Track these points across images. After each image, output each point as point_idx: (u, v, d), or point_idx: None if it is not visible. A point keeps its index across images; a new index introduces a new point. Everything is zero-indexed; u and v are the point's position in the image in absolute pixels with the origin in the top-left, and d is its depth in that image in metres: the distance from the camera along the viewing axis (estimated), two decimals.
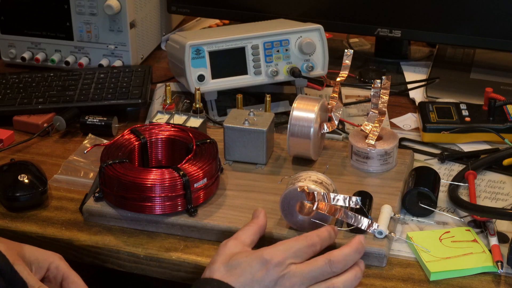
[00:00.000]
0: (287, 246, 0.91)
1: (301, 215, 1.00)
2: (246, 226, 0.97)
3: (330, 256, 0.91)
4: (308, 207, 0.99)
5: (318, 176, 1.00)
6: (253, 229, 0.96)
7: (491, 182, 1.19)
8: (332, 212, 0.95)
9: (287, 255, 0.90)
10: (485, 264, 0.99)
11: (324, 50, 1.38)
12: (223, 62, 1.35)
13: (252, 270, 0.89)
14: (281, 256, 0.90)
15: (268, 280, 0.89)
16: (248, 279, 0.89)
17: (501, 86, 1.47)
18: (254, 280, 0.89)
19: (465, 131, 1.28)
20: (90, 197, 1.11)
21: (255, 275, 0.89)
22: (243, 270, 0.90)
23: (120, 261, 1.06)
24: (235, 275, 0.89)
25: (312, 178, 1.00)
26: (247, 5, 1.59)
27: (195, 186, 1.06)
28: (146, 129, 1.17)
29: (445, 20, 1.48)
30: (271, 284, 0.89)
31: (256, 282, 0.89)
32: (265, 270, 0.89)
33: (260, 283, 0.89)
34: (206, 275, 0.91)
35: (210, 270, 0.91)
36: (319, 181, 1.00)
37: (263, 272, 0.89)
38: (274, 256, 0.90)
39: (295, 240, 0.92)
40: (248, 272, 0.89)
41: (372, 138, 1.16)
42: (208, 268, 0.92)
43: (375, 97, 1.18)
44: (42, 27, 1.55)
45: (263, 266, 0.89)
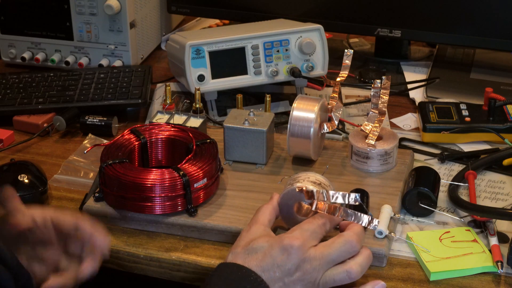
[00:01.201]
0: (302, 229, 0.92)
1: (299, 216, 1.00)
2: (261, 208, 0.98)
3: (346, 237, 0.93)
4: (306, 208, 0.99)
5: (317, 177, 1.01)
6: (269, 210, 0.98)
7: (491, 182, 1.19)
8: (331, 211, 0.95)
9: (305, 238, 0.91)
10: (485, 264, 0.99)
11: (324, 50, 1.38)
12: (223, 62, 1.35)
13: (273, 254, 0.90)
14: (300, 240, 0.91)
15: (290, 264, 0.90)
16: (269, 263, 0.90)
17: (501, 86, 1.47)
18: (275, 264, 0.90)
19: (465, 131, 1.28)
20: (90, 197, 1.11)
21: (276, 260, 0.90)
22: (264, 255, 0.90)
23: (120, 261, 1.06)
24: (256, 260, 0.90)
25: (311, 179, 1.00)
26: (247, 5, 1.59)
27: (195, 186, 1.06)
28: (146, 129, 1.17)
29: (445, 20, 1.48)
30: (293, 268, 0.90)
31: (277, 267, 0.90)
32: (286, 254, 0.90)
33: (281, 267, 0.90)
34: (228, 259, 0.92)
35: (232, 254, 0.92)
36: (318, 182, 1.00)
37: (284, 256, 0.90)
38: (293, 240, 0.91)
39: (308, 223, 0.94)
40: (268, 256, 0.90)
41: (372, 138, 1.16)
42: (230, 252, 0.93)
43: (375, 97, 1.18)
44: (42, 27, 1.55)
45: (284, 251, 0.90)
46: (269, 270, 0.90)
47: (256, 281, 0.88)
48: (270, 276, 0.89)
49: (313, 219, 0.95)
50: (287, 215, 1.00)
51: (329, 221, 0.95)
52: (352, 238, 0.92)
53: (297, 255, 0.90)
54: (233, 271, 0.89)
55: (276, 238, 0.92)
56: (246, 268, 0.89)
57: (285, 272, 0.90)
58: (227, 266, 0.91)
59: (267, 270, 0.90)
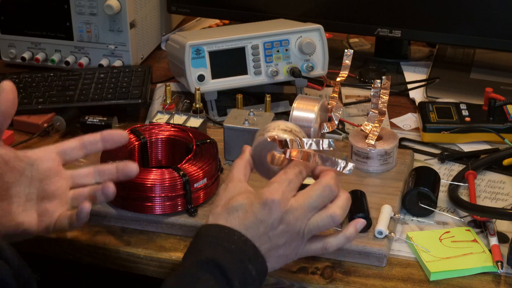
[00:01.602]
0: (280, 180, 0.91)
1: (274, 166, 0.96)
2: (235, 163, 0.96)
3: (324, 182, 0.91)
4: (279, 157, 0.96)
5: (287, 124, 0.97)
6: (243, 164, 0.95)
7: (491, 182, 1.19)
8: (306, 158, 0.92)
9: (283, 190, 0.90)
10: (485, 264, 0.99)
11: (324, 50, 1.38)
12: (223, 62, 1.35)
13: (255, 211, 0.89)
14: (279, 193, 0.89)
15: (273, 218, 0.88)
16: (251, 221, 0.89)
17: (501, 86, 1.47)
18: (258, 220, 0.88)
19: (465, 131, 1.28)
20: None
21: (258, 216, 0.89)
22: (246, 212, 0.89)
23: (120, 261, 1.06)
24: (238, 218, 0.89)
25: (281, 126, 0.96)
26: (247, 5, 1.59)
27: (195, 186, 1.06)
28: (146, 129, 1.17)
29: (445, 20, 1.48)
30: (276, 221, 0.89)
31: (260, 222, 0.88)
32: (267, 209, 0.88)
33: (264, 222, 0.88)
34: (209, 221, 0.90)
35: (213, 215, 0.91)
36: (288, 129, 0.96)
37: (266, 211, 0.88)
38: (273, 194, 0.89)
39: (284, 173, 0.91)
40: (250, 213, 0.89)
41: (372, 138, 1.16)
42: (211, 214, 0.91)
43: (375, 97, 1.18)
44: (42, 27, 1.55)
45: (265, 206, 0.89)
46: (253, 227, 0.88)
47: (241, 240, 0.87)
48: (254, 232, 0.88)
49: (288, 169, 0.92)
50: (261, 167, 0.97)
51: (305, 168, 0.92)
52: (330, 182, 0.91)
53: (279, 208, 0.88)
54: (216, 232, 0.88)
55: (255, 193, 0.90)
56: (229, 228, 0.88)
57: (268, 226, 0.88)
58: (209, 228, 0.89)
59: (250, 228, 0.88)
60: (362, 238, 1.02)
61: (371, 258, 1.00)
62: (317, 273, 1.00)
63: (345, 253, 1.01)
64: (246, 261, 0.86)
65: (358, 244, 1.01)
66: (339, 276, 0.99)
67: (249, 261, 0.86)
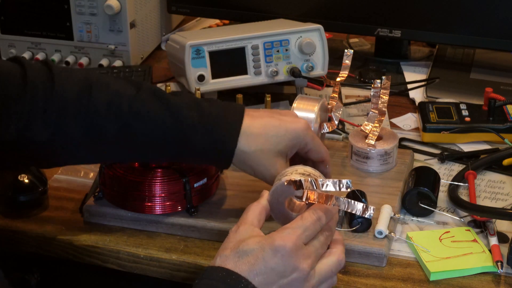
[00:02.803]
0: (295, 226, 0.87)
1: (292, 212, 0.94)
2: (250, 207, 0.92)
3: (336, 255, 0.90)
4: (298, 204, 0.93)
5: (305, 168, 0.95)
6: (258, 209, 0.92)
7: (491, 182, 1.19)
8: (323, 200, 0.89)
9: (297, 236, 0.86)
10: (485, 264, 0.99)
11: (324, 50, 1.38)
12: (223, 62, 1.35)
13: (265, 257, 0.85)
14: (292, 240, 0.86)
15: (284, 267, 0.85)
16: (261, 267, 0.85)
17: (501, 86, 1.47)
18: (268, 268, 0.85)
19: (465, 131, 1.28)
20: (90, 197, 1.11)
21: (269, 263, 0.85)
22: (256, 258, 0.85)
23: (120, 261, 1.06)
24: (248, 263, 0.85)
25: (299, 171, 0.94)
26: (247, 5, 1.59)
27: (195, 186, 1.06)
28: None
29: (445, 20, 1.48)
30: (288, 271, 0.85)
31: (271, 270, 0.85)
32: (279, 256, 0.85)
33: (274, 270, 0.85)
34: (217, 263, 0.87)
35: (221, 257, 0.87)
36: (307, 173, 0.94)
37: (277, 259, 0.85)
38: (286, 240, 0.86)
39: (300, 219, 0.88)
40: (261, 259, 0.85)
41: (372, 138, 1.16)
42: (219, 255, 0.87)
43: (375, 97, 1.18)
44: (42, 27, 1.55)
45: (276, 253, 0.85)
46: (262, 274, 0.85)
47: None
48: (264, 280, 0.85)
49: (305, 214, 0.89)
50: (279, 213, 0.94)
51: (324, 214, 0.89)
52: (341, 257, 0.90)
53: (291, 255, 0.85)
54: (222, 276, 0.84)
55: (267, 238, 0.87)
56: (236, 274, 0.84)
57: (279, 274, 0.85)
58: (216, 271, 0.85)
59: (259, 274, 0.85)
60: (362, 238, 1.02)
61: (371, 258, 1.00)
62: None
63: (345, 253, 1.01)
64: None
65: (358, 244, 1.01)
66: (339, 276, 0.99)
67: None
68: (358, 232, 1.02)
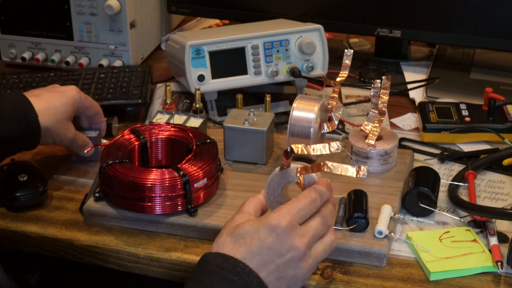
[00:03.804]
0: (290, 207, 0.88)
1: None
2: (246, 200, 0.94)
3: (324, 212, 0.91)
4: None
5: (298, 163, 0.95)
6: (256, 201, 0.93)
7: (491, 182, 1.19)
8: (315, 169, 0.89)
9: (292, 216, 0.87)
10: (485, 264, 0.99)
11: (324, 50, 1.38)
12: (223, 62, 1.35)
13: (261, 237, 0.86)
14: (286, 219, 0.87)
15: (280, 246, 0.86)
16: (258, 247, 0.86)
17: (501, 86, 1.47)
18: (265, 247, 0.86)
19: (465, 131, 1.28)
20: (90, 197, 1.11)
21: (265, 242, 0.86)
22: (252, 239, 0.86)
23: (120, 261, 1.06)
24: (244, 245, 0.86)
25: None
26: (247, 5, 1.59)
27: (195, 186, 1.06)
28: (146, 129, 1.17)
29: (445, 20, 1.48)
30: (284, 250, 0.86)
31: (268, 249, 0.86)
32: (274, 235, 0.86)
33: (271, 249, 0.86)
34: (213, 249, 0.88)
35: (217, 244, 0.88)
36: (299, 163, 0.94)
37: (273, 238, 0.86)
38: (280, 219, 0.86)
39: (295, 200, 0.89)
40: (257, 239, 0.86)
41: (372, 138, 1.16)
42: (215, 242, 0.89)
43: (375, 97, 1.18)
44: (42, 27, 1.55)
45: (272, 232, 0.86)
46: (259, 254, 0.86)
47: (244, 271, 0.85)
48: (261, 259, 0.86)
49: (303, 196, 0.90)
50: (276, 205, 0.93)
51: (320, 197, 0.90)
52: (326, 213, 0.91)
53: (285, 235, 0.86)
54: (219, 262, 0.85)
55: (262, 219, 0.88)
56: (233, 258, 0.85)
57: (276, 253, 0.86)
58: (213, 257, 0.86)
59: (257, 254, 0.86)
60: (362, 238, 1.02)
61: (371, 258, 1.00)
62: (317, 273, 1.00)
63: (345, 253, 1.01)
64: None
65: (358, 244, 1.01)
66: (339, 276, 0.99)
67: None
68: (355, 232, 1.02)
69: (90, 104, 1.21)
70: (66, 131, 1.16)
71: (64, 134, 1.16)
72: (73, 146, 1.19)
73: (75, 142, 1.18)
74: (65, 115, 1.15)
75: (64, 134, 1.15)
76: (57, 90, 1.18)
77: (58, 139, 1.16)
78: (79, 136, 1.19)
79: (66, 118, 1.16)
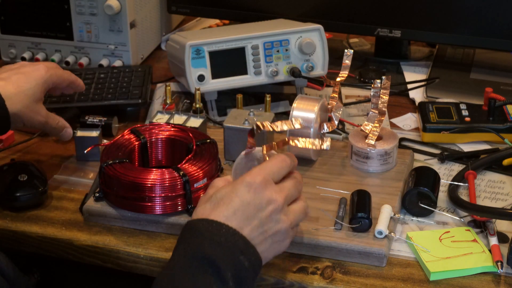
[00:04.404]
0: (262, 166, 0.92)
1: None
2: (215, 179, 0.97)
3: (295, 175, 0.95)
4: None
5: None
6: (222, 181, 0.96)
7: (491, 182, 1.19)
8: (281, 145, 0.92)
9: (265, 173, 0.90)
10: (485, 264, 0.99)
11: (324, 50, 1.38)
12: (223, 62, 1.35)
13: (239, 194, 0.89)
14: (261, 176, 0.90)
15: (259, 199, 0.89)
16: (237, 203, 0.88)
17: (501, 86, 1.47)
18: (245, 202, 0.88)
19: (465, 131, 1.28)
20: (90, 197, 1.11)
21: (244, 198, 0.88)
22: (230, 198, 0.89)
23: (120, 261, 1.06)
24: (224, 205, 0.88)
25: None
26: (247, 5, 1.59)
27: (195, 186, 1.06)
28: (146, 129, 1.17)
29: (445, 20, 1.48)
30: (264, 202, 0.89)
31: (248, 204, 0.88)
32: (252, 191, 0.89)
33: (251, 204, 0.88)
34: (194, 217, 0.90)
35: (196, 212, 0.90)
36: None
37: (251, 193, 0.89)
38: (255, 176, 0.89)
39: (266, 161, 0.93)
40: (235, 197, 0.88)
41: (372, 138, 1.16)
42: (194, 212, 0.90)
43: (375, 97, 1.18)
44: (42, 27, 1.55)
45: (249, 188, 0.89)
46: (240, 210, 0.88)
47: (229, 232, 0.86)
48: (243, 215, 0.88)
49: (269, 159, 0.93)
50: None
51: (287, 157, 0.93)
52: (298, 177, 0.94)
53: (262, 189, 0.89)
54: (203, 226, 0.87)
55: (237, 180, 0.90)
56: (216, 222, 0.87)
57: (256, 207, 0.88)
58: (197, 223, 0.88)
59: (238, 210, 0.88)
60: (362, 238, 1.02)
61: (371, 258, 1.00)
62: (317, 273, 1.00)
63: (345, 253, 1.01)
64: (237, 252, 0.86)
65: (358, 244, 1.01)
66: (339, 276, 0.99)
67: (240, 252, 0.86)
68: (358, 232, 1.02)
69: (60, 79, 1.19)
70: (36, 115, 1.14)
71: (35, 118, 1.14)
72: (47, 129, 1.18)
73: (48, 124, 1.16)
74: (34, 97, 1.13)
75: (34, 117, 1.14)
76: (25, 71, 1.15)
77: (28, 123, 1.14)
78: (52, 119, 1.17)
79: (35, 100, 1.13)
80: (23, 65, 1.17)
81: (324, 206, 1.08)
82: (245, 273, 0.86)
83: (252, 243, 0.87)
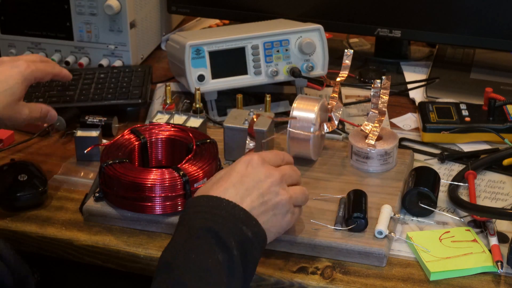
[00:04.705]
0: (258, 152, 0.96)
1: None
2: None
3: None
4: None
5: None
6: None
7: (491, 182, 1.19)
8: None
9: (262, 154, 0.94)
10: (485, 264, 0.99)
11: (324, 50, 1.38)
12: (223, 62, 1.35)
13: (237, 169, 0.92)
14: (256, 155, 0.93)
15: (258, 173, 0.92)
16: (236, 177, 0.91)
17: (501, 86, 1.47)
18: (244, 176, 0.91)
19: (465, 131, 1.28)
20: (90, 197, 1.11)
21: (242, 172, 0.91)
22: (229, 175, 0.92)
23: (120, 261, 1.06)
24: (223, 181, 0.91)
25: None
26: (247, 5, 1.59)
27: (195, 186, 1.06)
28: (146, 129, 1.17)
29: (445, 20, 1.48)
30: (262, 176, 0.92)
31: (247, 177, 0.91)
32: (250, 166, 0.92)
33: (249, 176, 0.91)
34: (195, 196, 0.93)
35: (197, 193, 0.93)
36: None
37: (249, 168, 0.92)
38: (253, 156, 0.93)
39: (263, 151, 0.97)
40: (234, 173, 0.91)
41: (372, 138, 1.16)
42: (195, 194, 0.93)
43: (375, 97, 1.18)
44: (42, 27, 1.55)
45: (247, 164, 0.92)
46: (240, 182, 0.91)
47: (229, 205, 0.88)
48: (243, 187, 0.90)
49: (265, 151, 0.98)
50: None
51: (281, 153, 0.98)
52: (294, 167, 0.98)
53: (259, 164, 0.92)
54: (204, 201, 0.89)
55: (234, 162, 0.94)
56: (216, 197, 0.89)
57: (255, 180, 0.91)
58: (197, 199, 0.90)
59: (237, 183, 0.91)
60: (362, 238, 1.02)
61: (371, 258, 1.00)
62: (317, 273, 1.00)
63: (345, 253, 1.01)
64: (239, 223, 0.87)
65: (358, 244, 1.01)
66: (339, 276, 0.99)
67: (242, 223, 0.88)
68: (354, 232, 1.02)
69: (43, 73, 1.15)
70: (17, 114, 1.11)
71: (17, 118, 1.11)
72: (33, 122, 1.16)
73: (32, 118, 1.14)
74: (13, 98, 1.10)
75: (16, 117, 1.11)
76: (2, 70, 1.11)
77: (10, 124, 1.12)
78: (34, 110, 1.14)
79: (15, 100, 1.10)
80: (1, 62, 1.13)
81: (324, 206, 1.08)
82: (249, 244, 0.87)
83: (253, 215, 0.89)
